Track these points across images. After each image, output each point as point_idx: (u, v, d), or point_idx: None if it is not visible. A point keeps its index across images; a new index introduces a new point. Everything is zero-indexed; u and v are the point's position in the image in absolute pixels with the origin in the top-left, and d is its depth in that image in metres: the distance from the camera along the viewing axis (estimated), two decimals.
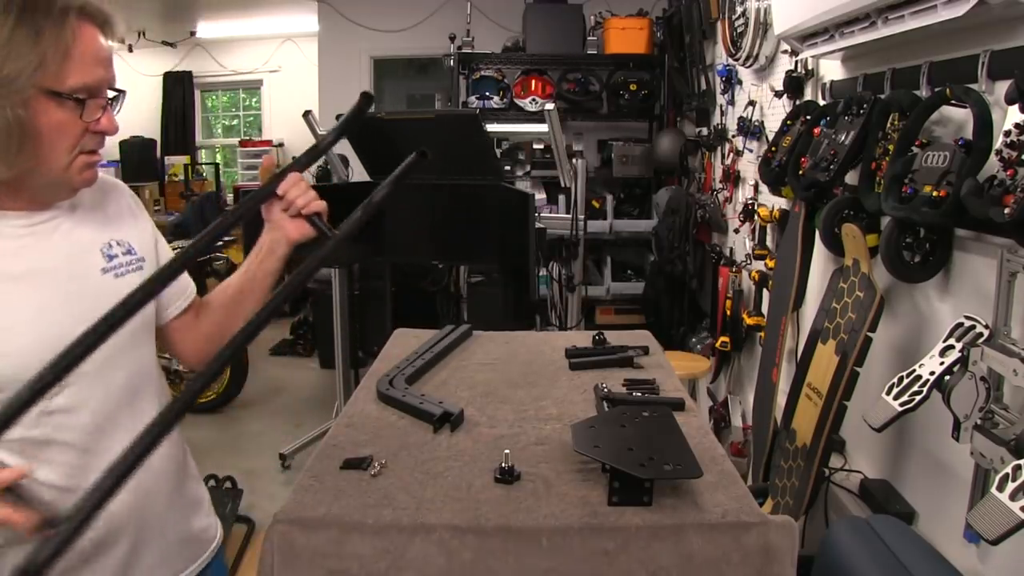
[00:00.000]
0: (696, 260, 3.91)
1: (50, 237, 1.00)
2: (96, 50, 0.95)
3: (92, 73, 0.95)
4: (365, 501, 1.00)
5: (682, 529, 0.95)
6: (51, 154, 0.94)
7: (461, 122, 2.89)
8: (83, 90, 0.94)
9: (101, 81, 0.97)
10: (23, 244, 0.97)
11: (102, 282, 1.02)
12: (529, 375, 1.51)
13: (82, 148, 0.97)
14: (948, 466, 1.56)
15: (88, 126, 0.96)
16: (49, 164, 0.95)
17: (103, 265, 1.04)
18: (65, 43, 0.91)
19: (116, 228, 1.09)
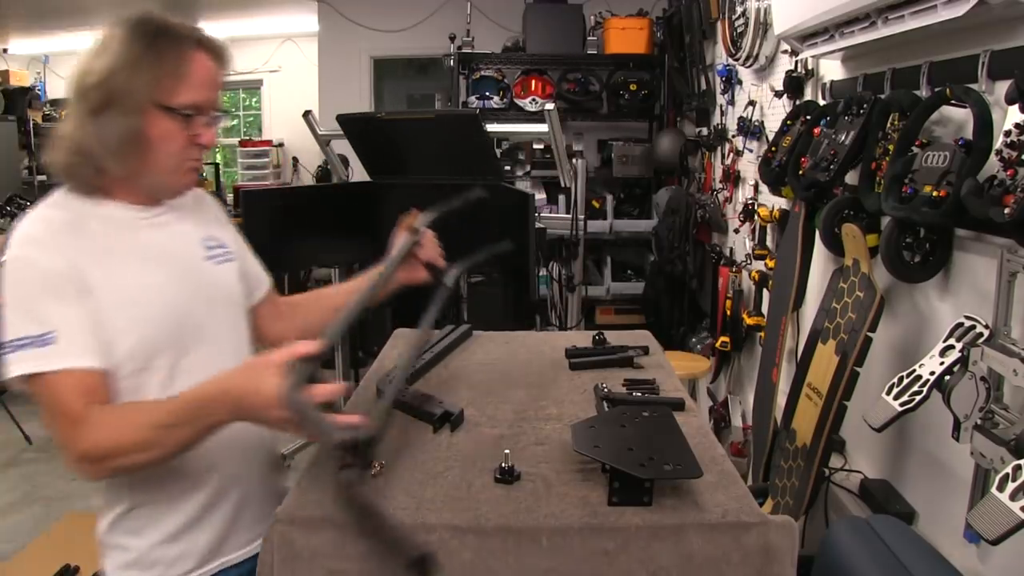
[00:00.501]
0: (696, 260, 3.91)
1: (165, 228, 1.18)
2: (206, 75, 1.11)
3: (200, 94, 1.10)
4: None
5: (682, 529, 0.95)
6: (158, 159, 1.10)
7: (461, 122, 2.88)
8: (191, 107, 1.09)
9: (207, 102, 1.12)
10: (146, 232, 1.15)
11: (205, 267, 1.21)
12: (529, 375, 1.51)
13: (186, 157, 1.13)
14: (948, 466, 1.56)
15: (192, 138, 1.11)
16: (156, 167, 1.11)
17: (205, 255, 1.22)
18: (181, 67, 1.07)
19: (208, 227, 1.27)
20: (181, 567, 1.15)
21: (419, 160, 2.95)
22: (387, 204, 3.04)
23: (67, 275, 1.03)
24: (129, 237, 1.12)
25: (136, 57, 1.04)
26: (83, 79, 1.05)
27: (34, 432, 3.91)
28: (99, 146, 1.05)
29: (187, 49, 1.08)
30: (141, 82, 1.04)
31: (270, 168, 6.73)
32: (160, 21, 1.08)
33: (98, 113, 1.05)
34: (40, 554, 2.65)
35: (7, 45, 6.57)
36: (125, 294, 1.07)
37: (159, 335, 1.10)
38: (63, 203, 1.10)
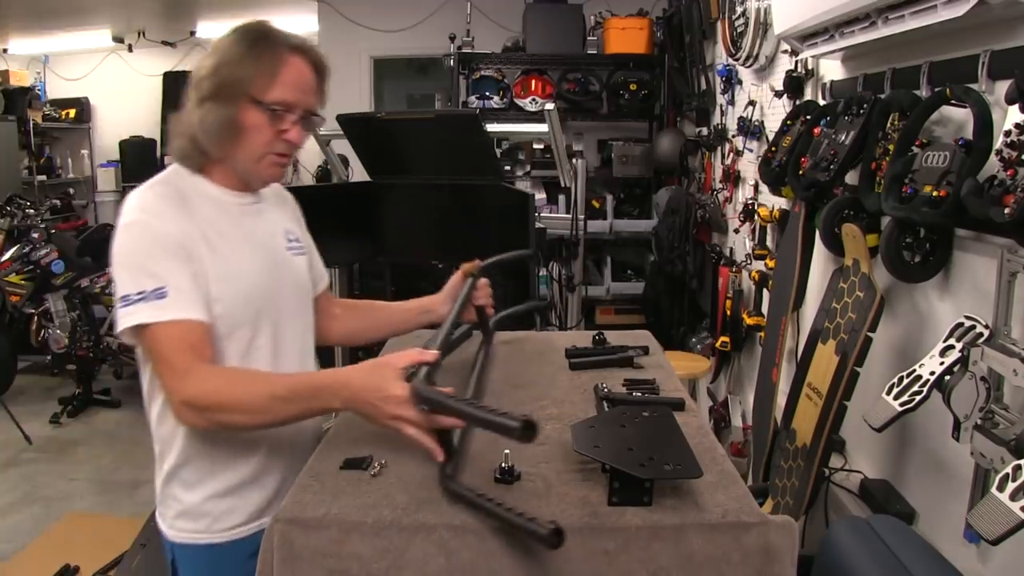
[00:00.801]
0: (696, 260, 3.91)
1: (257, 216, 1.32)
2: (300, 79, 1.23)
3: (290, 94, 1.22)
4: (365, 501, 1.00)
5: (682, 529, 0.95)
6: (248, 147, 1.22)
7: (461, 122, 2.89)
8: (280, 104, 1.21)
9: (296, 102, 1.23)
10: (242, 218, 1.29)
11: (286, 257, 1.35)
12: (529, 375, 1.51)
13: (272, 150, 1.24)
14: (948, 466, 1.56)
15: (279, 133, 1.23)
16: (245, 154, 1.23)
17: (286, 245, 1.36)
18: (275, 68, 1.20)
19: (287, 221, 1.41)
20: (227, 521, 1.26)
21: (419, 160, 2.95)
22: (387, 204, 3.05)
23: (177, 239, 1.17)
24: (229, 219, 1.26)
25: (239, 56, 1.19)
26: (197, 73, 1.21)
27: (34, 432, 3.91)
28: (201, 130, 1.21)
29: (283, 53, 1.21)
30: (239, 77, 1.18)
31: None
32: (264, 28, 1.23)
33: (204, 102, 1.19)
34: (40, 554, 2.66)
35: (7, 45, 6.56)
36: (221, 268, 1.21)
37: (243, 311, 1.23)
38: (173, 180, 1.25)
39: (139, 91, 6.65)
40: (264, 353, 1.26)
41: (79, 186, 6.54)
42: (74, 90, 6.68)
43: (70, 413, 4.21)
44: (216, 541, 1.26)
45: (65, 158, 6.68)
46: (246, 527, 1.27)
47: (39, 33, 6.31)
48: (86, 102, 6.65)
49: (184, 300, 1.14)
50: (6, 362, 4.45)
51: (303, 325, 1.38)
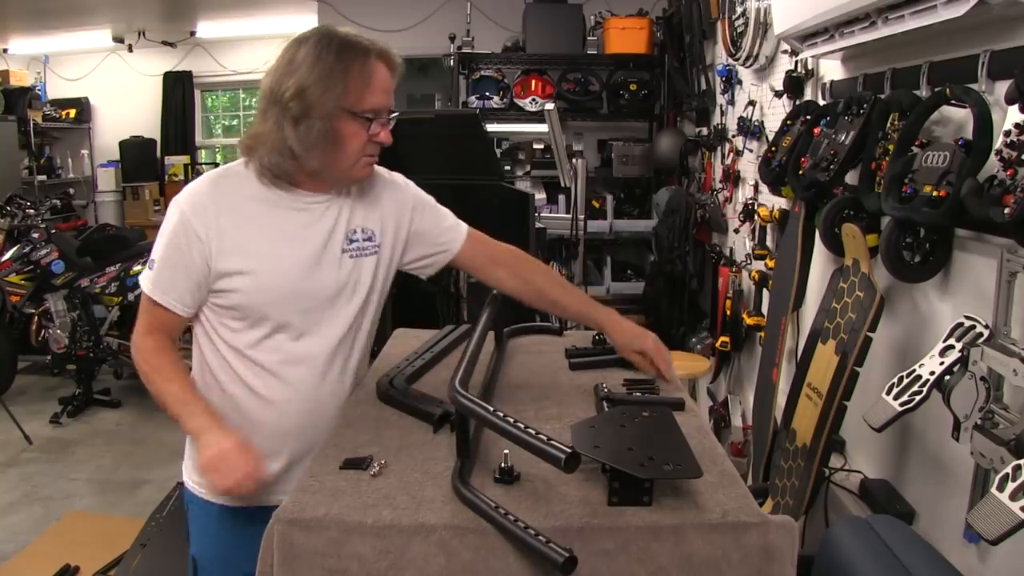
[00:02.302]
0: (696, 260, 3.91)
1: (319, 214, 1.34)
2: (384, 83, 1.29)
3: (380, 100, 1.28)
4: (365, 501, 1.00)
5: (682, 529, 0.95)
6: (345, 155, 1.28)
7: (461, 122, 2.89)
8: (372, 111, 1.27)
9: (385, 105, 1.29)
10: (300, 215, 1.33)
11: (341, 259, 1.36)
12: (529, 375, 1.51)
13: (365, 152, 1.30)
14: (948, 466, 1.56)
15: (372, 136, 1.29)
16: (343, 161, 1.29)
17: (343, 245, 1.37)
18: (365, 78, 1.25)
19: (366, 216, 1.41)
20: None
21: (419, 160, 2.94)
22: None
23: (193, 234, 1.26)
24: (277, 218, 1.31)
25: (327, 71, 1.22)
26: (280, 93, 1.24)
27: (34, 432, 3.91)
28: (300, 146, 1.25)
29: (371, 61, 1.26)
30: (334, 93, 1.23)
31: None
32: (343, 37, 1.26)
33: (300, 121, 1.23)
34: (40, 554, 2.65)
35: (7, 45, 6.56)
36: (249, 264, 1.28)
37: (265, 305, 1.30)
38: (235, 173, 1.33)
39: (139, 91, 6.65)
40: (281, 345, 1.33)
41: (79, 186, 6.53)
42: (74, 90, 6.68)
43: (70, 413, 4.21)
44: (218, 502, 1.36)
45: (65, 158, 6.67)
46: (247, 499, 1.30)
47: (39, 33, 6.31)
48: (86, 102, 6.65)
49: (162, 283, 1.29)
50: (6, 362, 4.45)
51: (342, 324, 1.38)
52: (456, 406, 1.03)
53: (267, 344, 1.33)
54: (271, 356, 1.33)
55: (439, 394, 1.33)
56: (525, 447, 0.91)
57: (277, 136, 1.26)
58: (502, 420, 0.94)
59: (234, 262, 1.29)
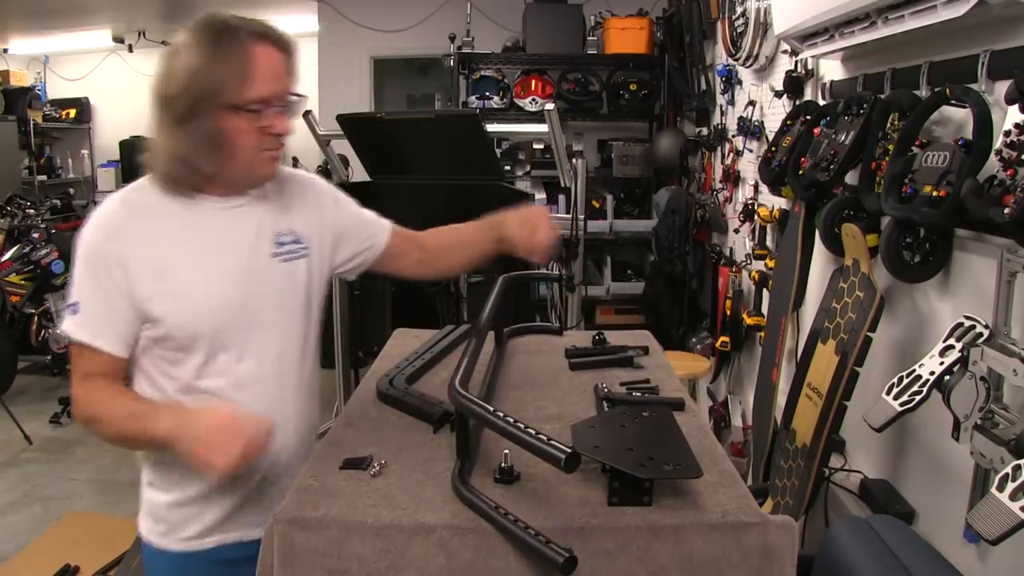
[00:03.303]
0: (696, 260, 3.91)
1: (239, 221, 1.24)
2: (270, 67, 1.15)
3: (267, 87, 1.15)
4: (365, 501, 1.00)
5: (682, 529, 0.95)
6: (237, 154, 1.17)
7: (461, 122, 2.89)
8: (258, 102, 1.14)
9: (274, 93, 1.16)
10: (219, 223, 1.22)
11: (269, 263, 1.25)
12: (529, 375, 1.51)
13: (263, 147, 1.18)
14: (948, 466, 1.56)
15: (265, 129, 1.16)
16: (238, 161, 1.18)
17: (273, 250, 1.26)
18: (245, 66, 1.12)
19: (292, 220, 1.31)
20: (185, 531, 1.25)
21: (419, 160, 2.95)
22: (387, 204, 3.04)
23: (117, 260, 1.15)
24: (195, 228, 1.20)
25: (205, 64, 1.11)
26: (165, 90, 1.13)
27: (34, 432, 3.91)
28: (189, 150, 1.15)
29: (249, 46, 1.13)
30: (212, 87, 1.11)
31: None
32: (220, 22, 1.14)
33: (184, 123, 1.13)
34: (40, 554, 2.65)
35: (7, 45, 6.57)
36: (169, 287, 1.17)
37: (196, 328, 1.19)
38: (140, 189, 1.21)
39: (139, 91, 6.61)
40: (226, 368, 1.21)
41: (79, 186, 6.54)
42: (74, 90, 6.69)
43: (70, 413, 4.20)
44: (175, 549, 1.26)
45: (65, 158, 6.68)
46: (204, 540, 1.25)
47: (39, 33, 6.31)
48: (86, 102, 6.66)
49: (90, 324, 1.16)
50: (6, 362, 4.45)
51: (285, 335, 1.28)
52: (456, 406, 1.03)
53: (211, 370, 1.21)
54: (218, 382, 1.22)
55: (439, 394, 1.33)
56: (525, 447, 0.92)
57: (167, 142, 1.16)
58: (502, 420, 0.94)
59: (156, 285, 1.17)
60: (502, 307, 1.56)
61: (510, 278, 1.63)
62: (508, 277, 1.61)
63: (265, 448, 1.09)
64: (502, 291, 1.55)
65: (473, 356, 1.19)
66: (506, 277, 1.61)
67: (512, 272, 1.72)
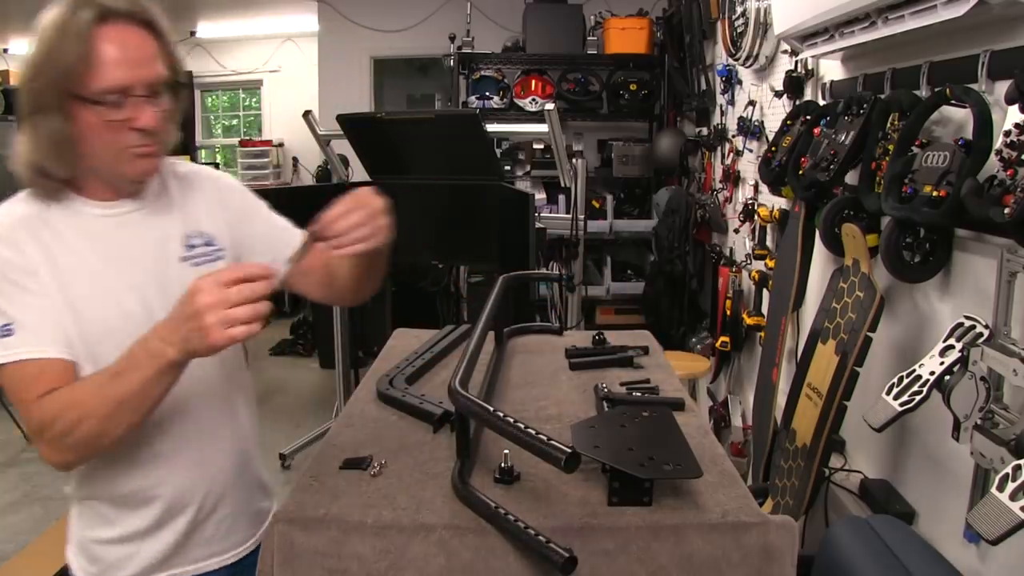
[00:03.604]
0: (696, 260, 3.91)
1: (137, 225, 1.10)
2: (123, 50, 0.99)
3: (120, 74, 0.98)
4: (365, 501, 1.00)
5: (682, 529, 0.95)
6: (95, 154, 1.02)
7: (461, 122, 2.89)
8: (110, 91, 0.98)
9: (131, 80, 0.99)
10: (113, 231, 1.08)
11: (180, 270, 1.11)
12: (529, 375, 1.50)
13: (126, 144, 1.02)
14: (948, 466, 1.56)
15: (123, 124, 1.00)
16: (98, 162, 1.03)
17: (182, 254, 1.13)
18: (88, 50, 0.96)
19: (199, 221, 1.17)
20: (122, 570, 1.14)
21: (419, 160, 2.95)
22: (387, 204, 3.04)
23: (25, 268, 1.01)
24: (89, 239, 1.05)
25: (47, 51, 0.96)
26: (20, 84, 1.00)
27: None
28: (37, 152, 1.00)
29: (93, 26, 0.96)
30: (53, 77, 0.96)
31: (270, 168, 6.73)
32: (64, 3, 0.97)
33: (32, 119, 0.99)
34: (40, 554, 2.65)
35: (7, 45, 6.56)
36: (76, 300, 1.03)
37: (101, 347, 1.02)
38: (28, 200, 1.06)
39: None
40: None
41: None
42: None
43: None
44: None
45: None
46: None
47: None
48: None
49: (31, 337, 0.99)
50: None
51: None
52: (456, 406, 1.03)
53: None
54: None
55: (439, 394, 1.33)
56: (525, 447, 0.91)
57: (20, 145, 1.01)
58: (502, 420, 0.94)
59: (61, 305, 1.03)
60: (502, 307, 1.55)
61: (510, 278, 1.62)
62: (508, 277, 1.61)
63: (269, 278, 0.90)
64: (502, 291, 1.54)
65: (473, 356, 1.19)
66: (506, 277, 1.61)
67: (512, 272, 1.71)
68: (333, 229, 1.00)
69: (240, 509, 1.24)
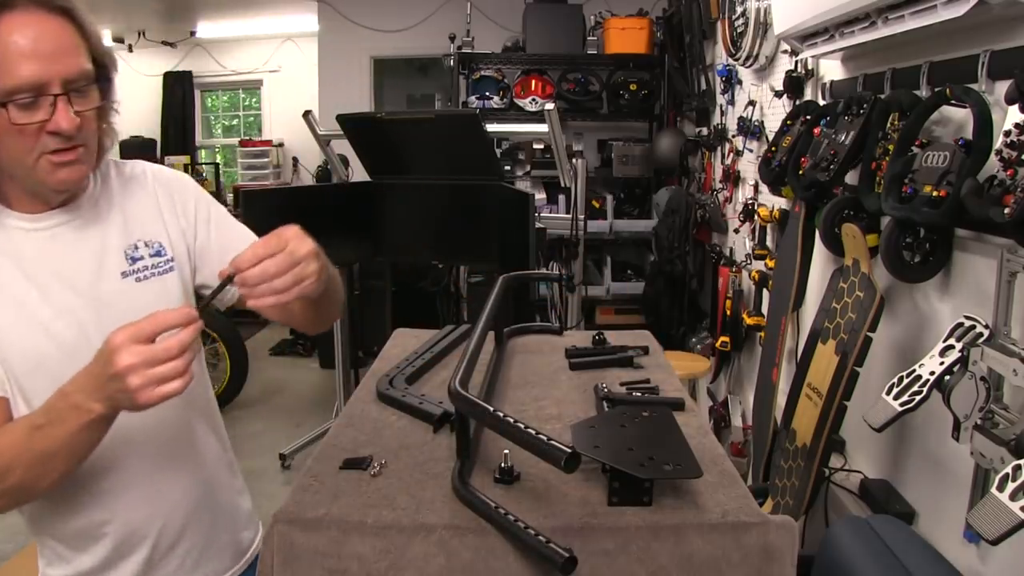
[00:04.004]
0: (696, 260, 3.92)
1: (70, 239, 0.99)
2: (30, 43, 0.85)
3: (25, 70, 0.85)
4: (365, 501, 1.00)
5: (682, 529, 0.95)
6: (9, 161, 0.91)
7: (461, 122, 2.88)
8: (19, 91, 0.86)
9: (44, 76, 0.86)
10: (42, 247, 0.96)
11: (122, 286, 1.00)
12: (529, 375, 1.50)
13: (43, 149, 0.89)
14: (948, 466, 1.56)
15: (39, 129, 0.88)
16: (13, 169, 0.92)
17: (124, 268, 1.02)
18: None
19: (144, 226, 1.05)
20: None
21: (419, 160, 2.95)
22: (387, 204, 3.05)
23: None
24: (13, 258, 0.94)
25: None
26: None
27: None
28: None
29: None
30: None
31: (270, 168, 6.74)
32: None
33: None
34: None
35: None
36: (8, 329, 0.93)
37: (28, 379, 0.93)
38: None
39: (139, 91, 6.66)
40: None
41: None
42: None
43: None
44: None
45: None
46: None
47: None
48: None
49: None
50: None
51: None
52: (456, 406, 1.03)
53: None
54: None
55: (439, 394, 1.33)
56: (525, 447, 0.91)
57: None
58: (502, 420, 0.94)
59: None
60: (502, 307, 1.55)
61: (510, 278, 1.62)
62: (508, 277, 1.61)
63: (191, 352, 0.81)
64: (502, 291, 1.54)
65: (473, 356, 1.19)
66: (506, 277, 1.61)
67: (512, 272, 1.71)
68: (246, 278, 0.86)
69: (208, 542, 1.16)
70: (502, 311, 1.58)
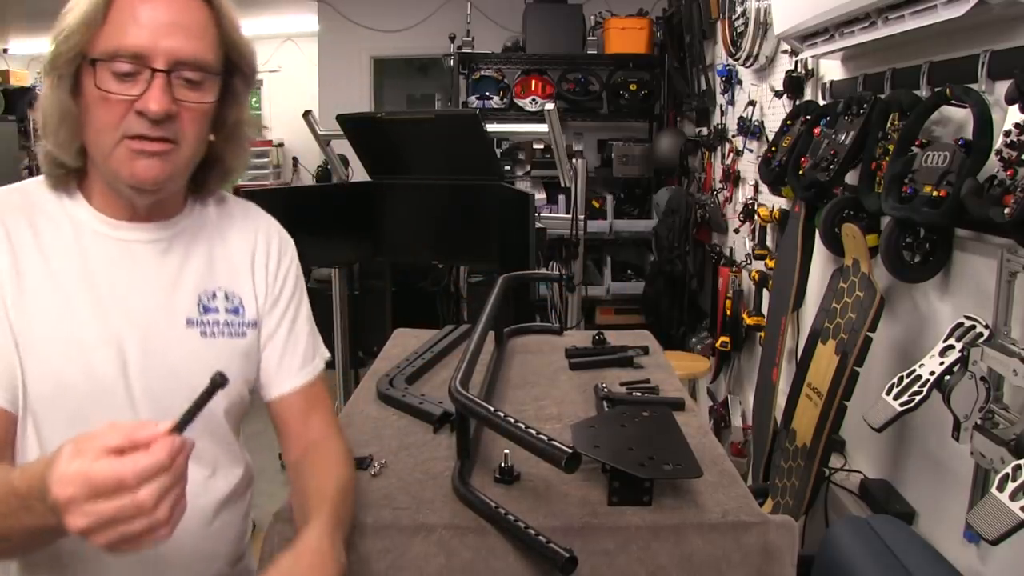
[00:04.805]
0: (696, 260, 3.92)
1: (147, 262, 0.87)
2: (149, 12, 0.77)
3: (132, 36, 0.77)
4: (365, 501, 1.00)
5: (682, 529, 0.95)
6: (92, 135, 0.80)
7: (461, 122, 2.88)
8: (119, 55, 0.77)
9: (149, 46, 0.77)
10: (115, 259, 0.85)
11: (183, 336, 0.87)
12: (529, 375, 1.51)
13: (126, 131, 0.79)
14: (948, 466, 1.56)
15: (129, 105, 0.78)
16: (94, 150, 0.82)
17: (192, 315, 0.88)
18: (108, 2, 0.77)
19: (230, 276, 0.92)
20: None
21: (419, 160, 2.95)
22: (387, 204, 3.05)
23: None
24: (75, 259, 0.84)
25: (76, 3, 0.78)
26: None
27: None
28: (45, 128, 0.81)
29: None
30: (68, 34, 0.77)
31: (270, 168, 6.73)
32: None
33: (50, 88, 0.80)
34: None
35: (7, 45, 6.57)
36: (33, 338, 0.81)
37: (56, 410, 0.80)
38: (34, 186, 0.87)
39: None
40: None
41: None
42: None
43: None
44: None
45: None
46: None
47: (39, 33, 6.31)
48: None
49: None
50: None
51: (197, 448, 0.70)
52: (456, 406, 1.03)
53: None
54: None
55: (439, 394, 1.33)
56: (525, 447, 0.92)
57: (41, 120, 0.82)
58: (502, 420, 0.94)
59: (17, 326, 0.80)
60: (502, 307, 1.55)
61: (510, 278, 1.63)
62: (508, 277, 1.61)
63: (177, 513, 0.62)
64: (502, 291, 1.54)
65: (473, 356, 1.19)
66: (506, 277, 1.61)
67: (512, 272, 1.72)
68: None
69: None
70: (502, 311, 1.58)
